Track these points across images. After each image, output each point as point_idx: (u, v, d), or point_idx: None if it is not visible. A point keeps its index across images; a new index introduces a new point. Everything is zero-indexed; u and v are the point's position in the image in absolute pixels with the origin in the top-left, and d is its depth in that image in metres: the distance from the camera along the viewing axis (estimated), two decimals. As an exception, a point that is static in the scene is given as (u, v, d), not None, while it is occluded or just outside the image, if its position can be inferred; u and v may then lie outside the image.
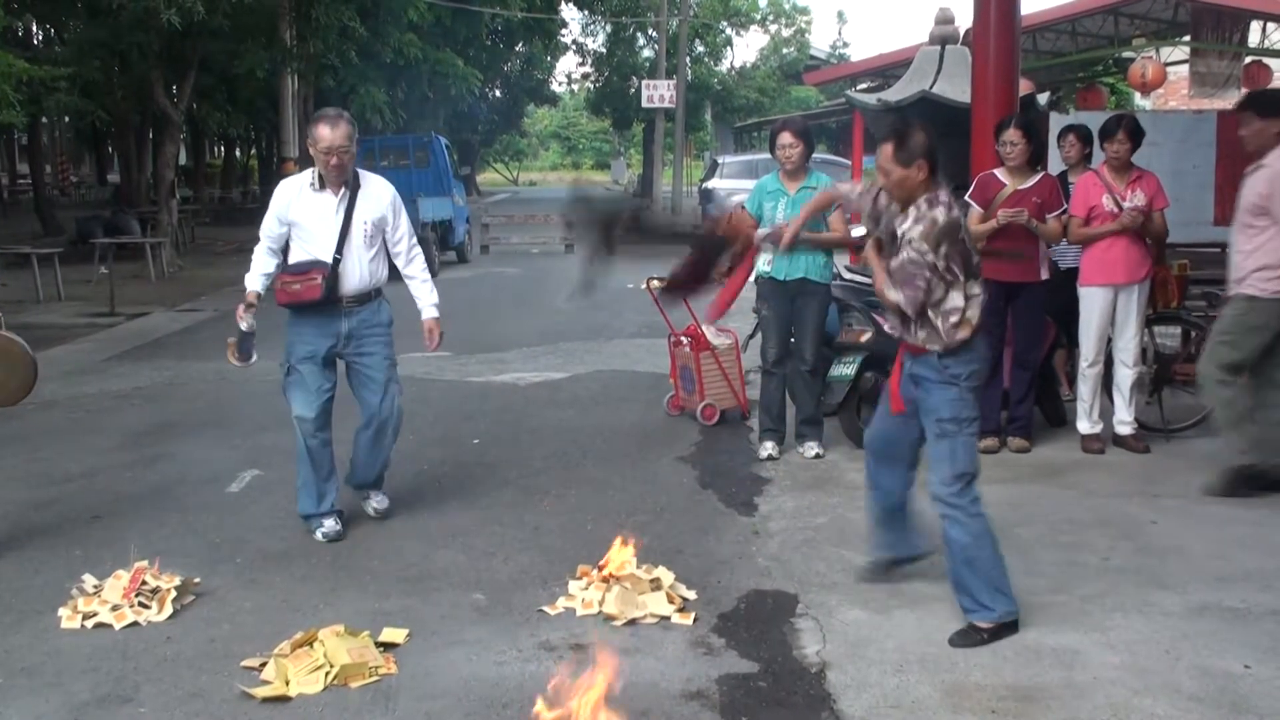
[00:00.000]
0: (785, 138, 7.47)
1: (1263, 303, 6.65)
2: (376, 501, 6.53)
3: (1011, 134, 7.47)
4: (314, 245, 6.13)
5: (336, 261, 6.08)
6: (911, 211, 4.82)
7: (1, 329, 5.83)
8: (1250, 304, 6.69)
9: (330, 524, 6.18)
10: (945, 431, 4.87)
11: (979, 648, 4.71)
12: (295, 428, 6.22)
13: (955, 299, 4.85)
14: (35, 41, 26.36)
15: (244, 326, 6.19)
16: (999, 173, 7.65)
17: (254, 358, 6.30)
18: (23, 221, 28.67)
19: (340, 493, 6.39)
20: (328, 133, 5.96)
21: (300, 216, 6.15)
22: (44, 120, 32.51)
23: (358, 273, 6.16)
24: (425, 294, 6.45)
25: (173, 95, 22.80)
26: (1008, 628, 4.83)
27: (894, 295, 4.81)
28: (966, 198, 7.74)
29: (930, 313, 4.84)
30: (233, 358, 6.29)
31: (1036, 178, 7.56)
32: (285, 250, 6.29)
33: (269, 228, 6.25)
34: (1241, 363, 6.76)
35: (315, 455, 6.20)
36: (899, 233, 4.83)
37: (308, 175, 6.20)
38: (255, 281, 6.26)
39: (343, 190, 6.15)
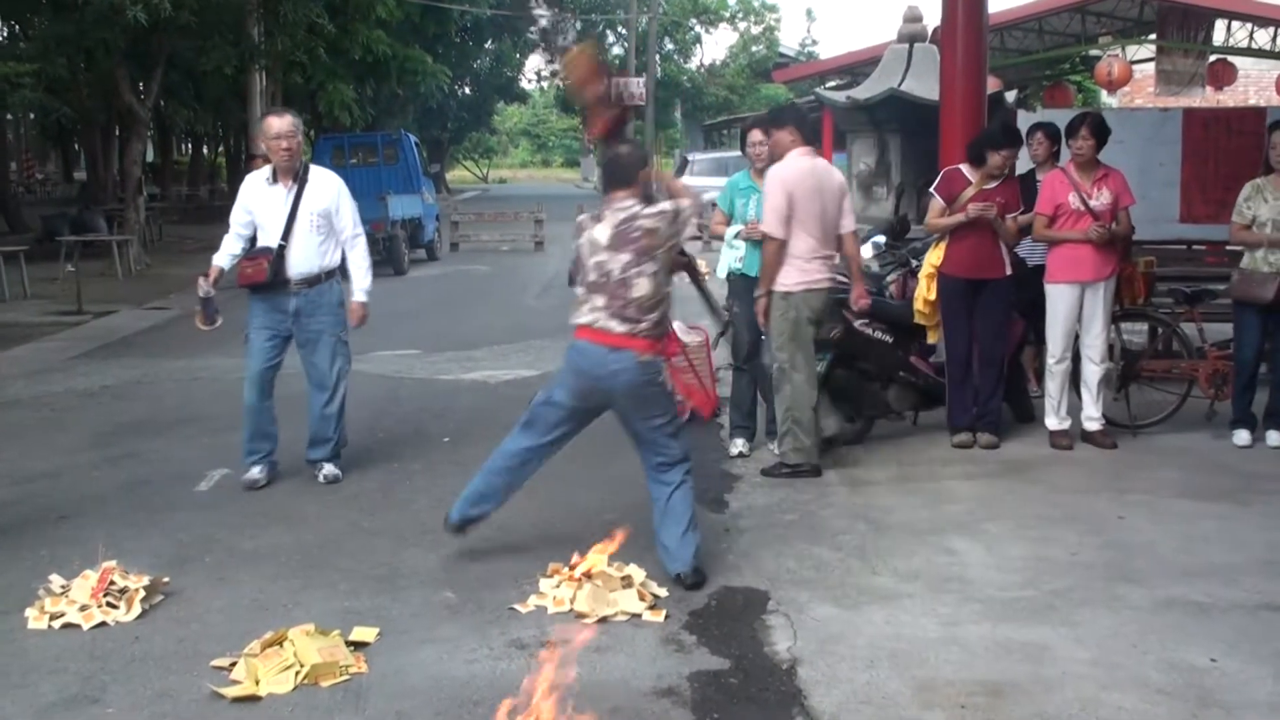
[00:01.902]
0: (755, 135, 7.52)
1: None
2: (327, 471, 7.19)
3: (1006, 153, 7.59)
4: (265, 233, 6.99)
5: (282, 248, 6.90)
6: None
7: None
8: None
9: (255, 472, 7.04)
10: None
11: (953, 644, 4.73)
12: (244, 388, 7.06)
13: None
14: (-1, 38, 26.14)
15: (200, 293, 7.00)
16: (965, 169, 7.71)
17: (218, 321, 7.13)
18: (-13, 219, 28.39)
19: (275, 455, 7.19)
20: (276, 121, 6.90)
21: (256, 207, 7.04)
22: (9, 117, 32.26)
23: (304, 258, 6.95)
24: (360, 279, 7.18)
25: (139, 92, 22.63)
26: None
27: None
28: (931, 190, 7.80)
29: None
30: (200, 323, 7.12)
31: (1001, 178, 7.63)
32: (253, 239, 7.12)
33: (237, 216, 7.10)
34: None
35: (253, 414, 7.06)
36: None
37: (266, 170, 7.09)
38: (221, 259, 7.09)
39: (291, 183, 6.98)
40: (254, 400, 7.07)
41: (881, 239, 8.94)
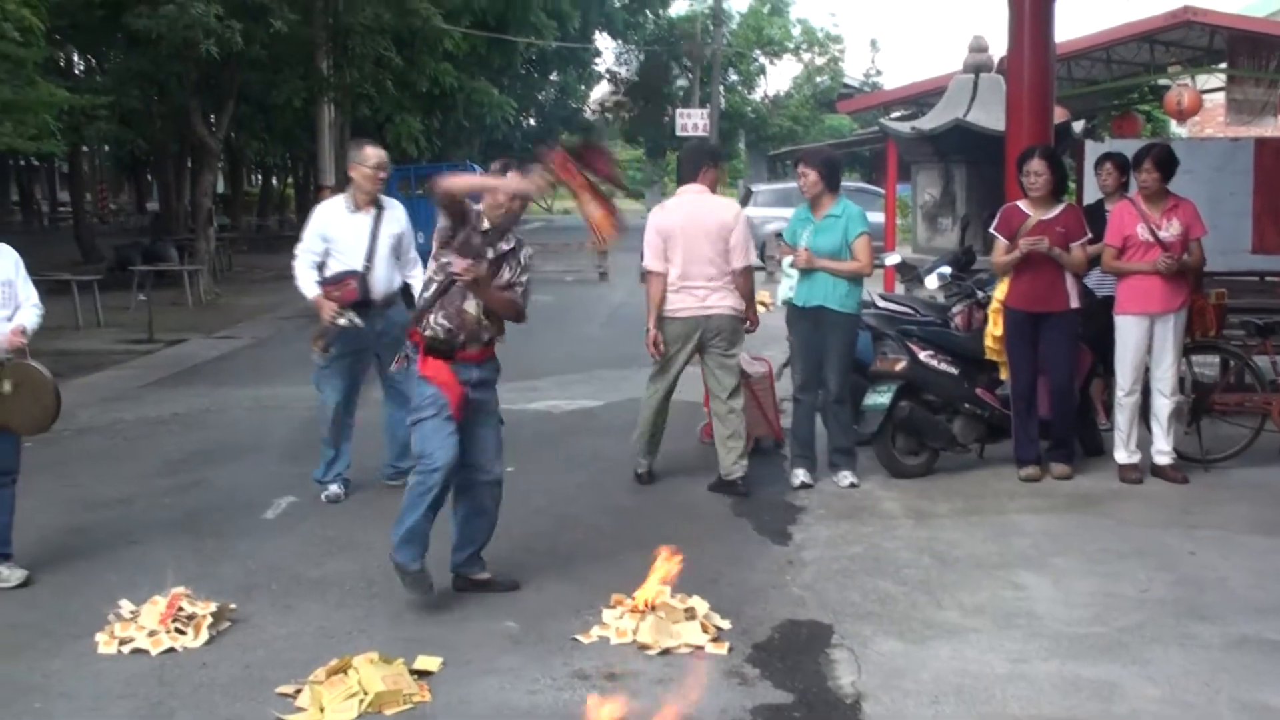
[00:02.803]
0: (800, 168, 7.75)
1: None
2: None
3: (1035, 164, 7.49)
4: (347, 257, 7.20)
5: (366, 269, 7.17)
6: None
7: (27, 358, 5.89)
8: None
9: (334, 489, 7.41)
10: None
11: (1020, 681, 4.67)
12: (322, 410, 7.42)
13: None
14: (76, 71, 26.67)
15: (344, 321, 7.10)
16: (1022, 204, 7.66)
17: (332, 351, 7.26)
18: (63, 249, 28.88)
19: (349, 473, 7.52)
20: (374, 152, 7.24)
21: (337, 233, 7.25)
22: (84, 149, 32.84)
23: (384, 279, 7.28)
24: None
25: (211, 124, 23.01)
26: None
27: None
28: (991, 229, 7.74)
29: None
30: (318, 349, 7.24)
31: (1060, 208, 7.57)
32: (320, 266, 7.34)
33: (311, 244, 7.31)
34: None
35: (337, 432, 7.40)
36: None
37: (342, 199, 7.39)
38: (315, 289, 7.22)
39: (373, 210, 7.26)
40: (340, 419, 7.41)
41: (947, 270, 8.87)
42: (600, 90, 53.22)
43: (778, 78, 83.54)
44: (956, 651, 4.99)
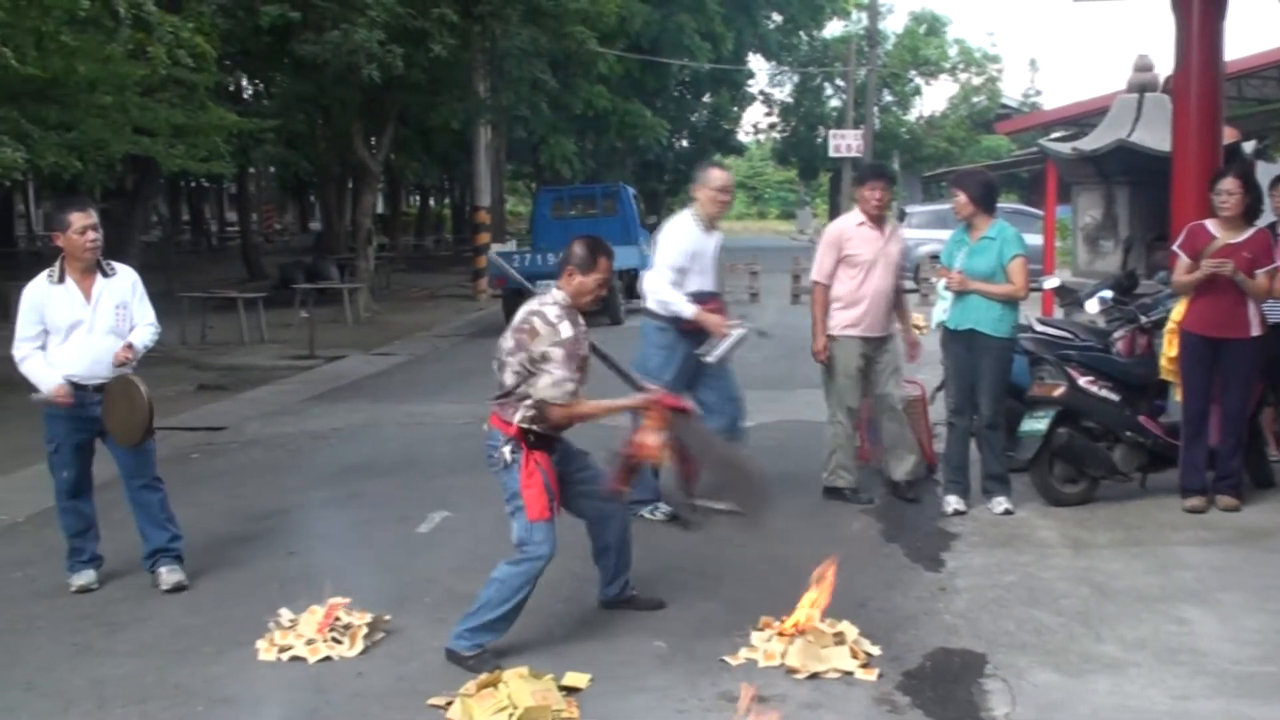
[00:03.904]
0: (953, 190, 7.70)
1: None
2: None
3: (1228, 183, 7.21)
4: (706, 278, 7.34)
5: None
6: None
7: (132, 373, 6.14)
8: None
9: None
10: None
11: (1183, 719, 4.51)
12: None
13: None
14: (245, 96, 27.62)
15: (740, 331, 7.19)
16: (1210, 224, 7.38)
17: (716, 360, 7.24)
18: (230, 267, 29.99)
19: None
20: (720, 174, 7.35)
21: (699, 252, 7.28)
22: (252, 171, 34.07)
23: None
24: None
25: (371, 146, 23.61)
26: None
27: None
28: (1175, 248, 7.49)
29: None
30: (711, 359, 7.15)
31: (1250, 231, 7.26)
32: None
33: (678, 262, 7.20)
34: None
35: None
36: None
37: (691, 219, 7.35)
38: (692, 306, 7.16)
39: (715, 231, 7.40)
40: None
41: (1108, 294, 8.65)
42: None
43: (933, 98, 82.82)
44: (1116, 686, 4.84)
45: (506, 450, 5.21)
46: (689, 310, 7.14)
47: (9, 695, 4.94)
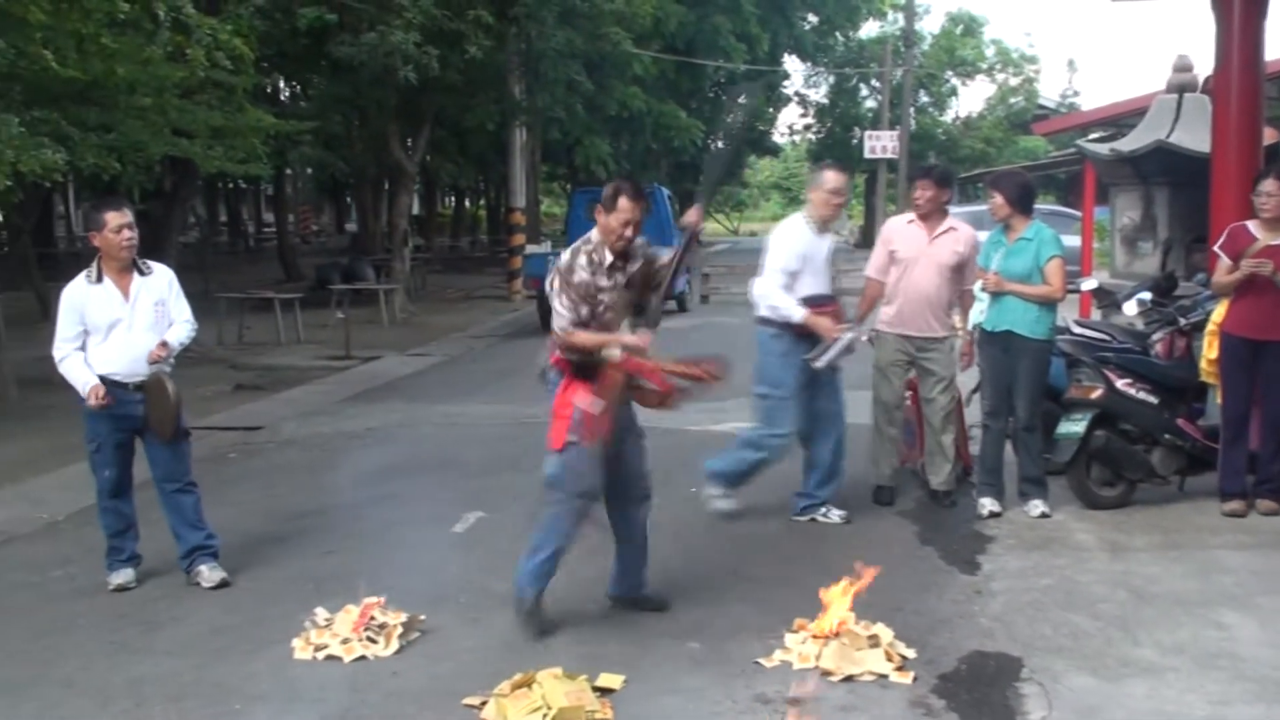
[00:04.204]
0: (989, 191, 7.62)
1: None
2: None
3: (1269, 185, 7.14)
4: (819, 281, 7.20)
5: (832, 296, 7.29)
6: None
7: (166, 370, 6.25)
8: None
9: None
10: None
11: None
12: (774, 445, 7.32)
13: None
14: (283, 98, 27.79)
15: (850, 335, 7.12)
16: (1251, 225, 7.31)
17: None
18: (267, 268, 30.18)
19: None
20: (835, 176, 7.20)
21: (811, 255, 7.17)
22: (288, 172, 34.23)
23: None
24: None
25: (408, 148, 23.69)
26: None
27: None
28: (1216, 248, 7.43)
29: None
30: (818, 364, 7.05)
31: None
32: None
33: (787, 264, 7.09)
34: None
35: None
36: None
37: (803, 222, 7.23)
38: (801, 309, 7.04)
39: (827, 234, 7.29)
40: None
41: (1147, 296, 8.58)
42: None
43: (970, 99, 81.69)
44: (1153, 690, 4.81)
45: (551, 375, 5.60)
46: (798, 314, 7.04)
47: (49, 692, 5.00)
